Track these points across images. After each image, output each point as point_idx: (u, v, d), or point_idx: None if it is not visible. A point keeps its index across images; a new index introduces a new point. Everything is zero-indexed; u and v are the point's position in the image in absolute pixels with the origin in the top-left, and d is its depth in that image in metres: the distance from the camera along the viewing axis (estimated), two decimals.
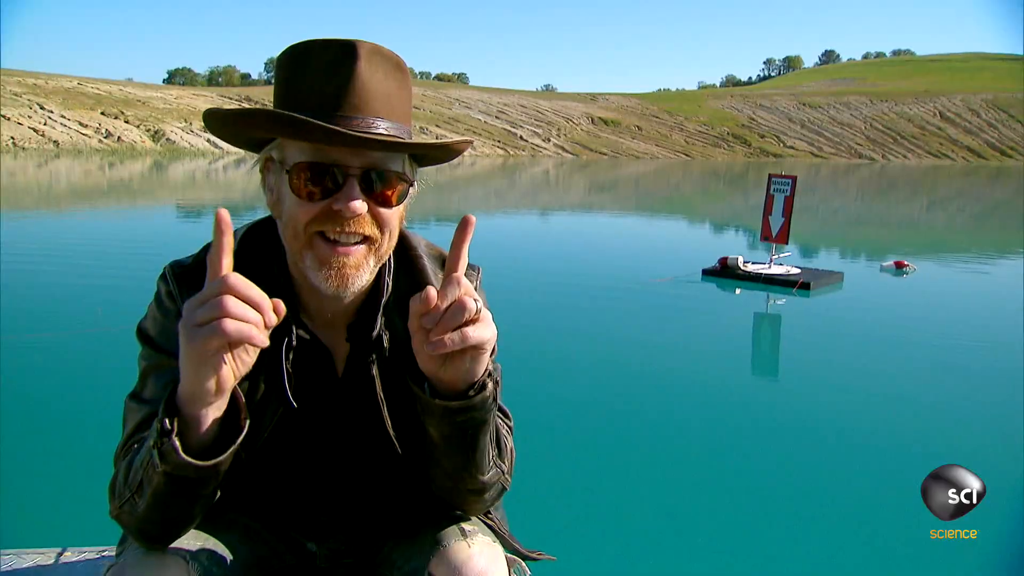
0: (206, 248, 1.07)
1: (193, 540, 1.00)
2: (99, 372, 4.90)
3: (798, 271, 9.01)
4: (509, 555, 1.10)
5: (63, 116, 52.28)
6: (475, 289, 1.03)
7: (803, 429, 4.47)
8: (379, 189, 0.96)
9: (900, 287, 9.66)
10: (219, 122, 0.98)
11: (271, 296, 0.99)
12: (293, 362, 1.03)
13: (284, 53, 0.98)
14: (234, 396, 0.89)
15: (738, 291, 8.81)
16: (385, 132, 0.94)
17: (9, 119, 48.36)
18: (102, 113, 55.28)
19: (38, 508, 3.14)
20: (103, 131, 52.33)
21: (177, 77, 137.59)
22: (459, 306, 0.86)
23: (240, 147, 1.05)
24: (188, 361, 0.83)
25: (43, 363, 5.17)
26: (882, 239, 16.39)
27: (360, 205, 0.94)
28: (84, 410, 4.24)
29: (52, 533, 2.05)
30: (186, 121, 56.74)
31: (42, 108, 52.29)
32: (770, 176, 9.64)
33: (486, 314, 0.90)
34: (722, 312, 8.37)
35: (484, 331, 0.88)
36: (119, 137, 52.14)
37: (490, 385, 0.94)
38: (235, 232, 1.06)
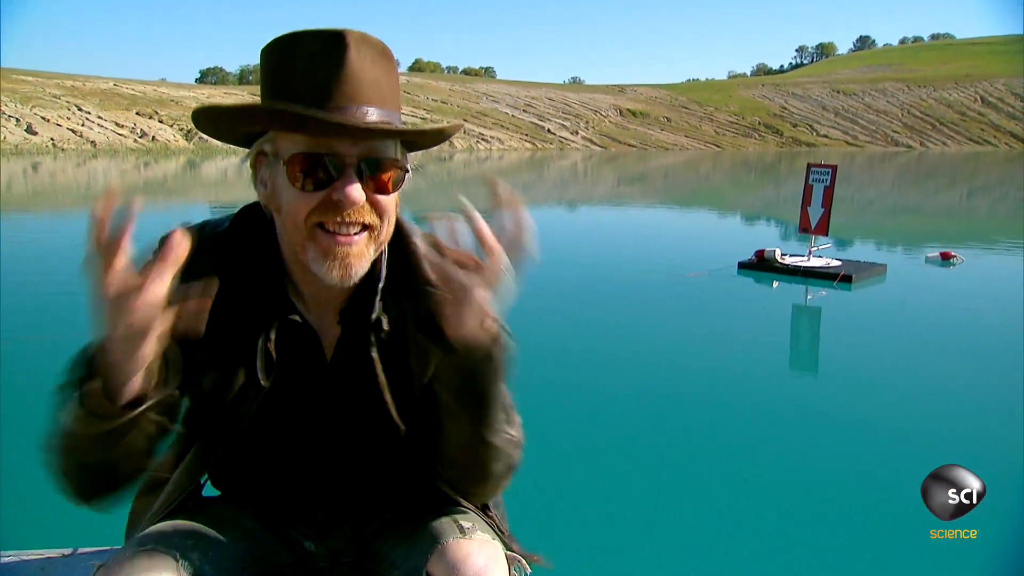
0: (203, 225, 1.06)
1: (184, 539, 0.99)
2: None
3: (838, 263, 8.70)
4: (509, 553, 1.07)
5: (100, 117, 53.54)
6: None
7: (838, 429, 4.28)
8: (376, 177, 0.97)
9: (947, 279, 9.29)
10: (213, 120, 0.97)
11: (262, 283, 1.02)
12: (280, 345, 1.02)
13: (270, 44, 0.97)
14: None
15: (776, 284, 8.56)
16: (378, 119, 0.94)
17: (48, 120, 49.69)
18: (137, 113, 56.49)
19: (43, 507, 3.11)
20: (138, 131, 53.47)
21: (209, 76, 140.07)
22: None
23: (231, 143, 1.03)
24: (114, 339, 0.83)
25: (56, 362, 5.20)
26: (925, 229, 15.89)
27: (359, 194, 0.94)
28: None
29: (57, 533, 1.99)
30: None
31: (80, 109, 53.62)
32: (809, 166, 9.31)
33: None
34: (760, 307, 8.15)
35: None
36: (153, 137, 53.24)
37: (503, 336, 0.95)
38: (221, 220, 1.07)
